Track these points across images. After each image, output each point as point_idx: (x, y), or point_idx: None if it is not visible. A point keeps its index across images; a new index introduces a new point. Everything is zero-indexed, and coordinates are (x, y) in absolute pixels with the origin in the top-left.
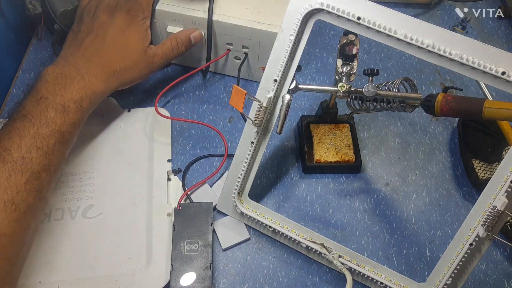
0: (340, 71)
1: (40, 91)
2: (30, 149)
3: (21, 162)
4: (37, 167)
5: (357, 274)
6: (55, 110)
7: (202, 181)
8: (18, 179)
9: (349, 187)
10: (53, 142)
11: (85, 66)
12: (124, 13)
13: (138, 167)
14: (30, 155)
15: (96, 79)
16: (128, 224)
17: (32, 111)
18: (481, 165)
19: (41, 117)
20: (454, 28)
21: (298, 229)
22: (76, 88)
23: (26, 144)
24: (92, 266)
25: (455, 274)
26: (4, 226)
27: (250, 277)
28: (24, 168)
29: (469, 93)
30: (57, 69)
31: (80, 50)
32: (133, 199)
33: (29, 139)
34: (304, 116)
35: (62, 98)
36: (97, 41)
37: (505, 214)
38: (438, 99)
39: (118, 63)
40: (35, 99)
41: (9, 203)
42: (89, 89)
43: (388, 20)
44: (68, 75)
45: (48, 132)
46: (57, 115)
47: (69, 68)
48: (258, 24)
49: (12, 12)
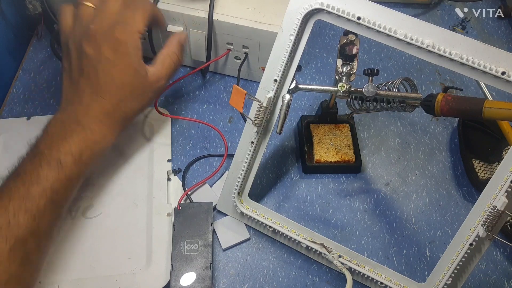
0: (340, 71)
1: (39, 146)
2: (18, 212)
3: (6, 227)
4: (23, 232)
5: (357, 274)
6: (48, 165)
7: (202, 181)
8: (1, 248)
9: (349, 187)
10: (43, 202)
11: (85, 114)
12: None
13: (138, 167)
14: (16, 219)
15: (99, 127)
16: (128, 224)
17: (26, 168)
18: (481, 165)
19: (32, 174)
20: (454, 28)
21: (298, 229)
22: (75, 140)
23: (14, 206)
24: (92, 266)
25: (455, 274)
26: None
27: (250, 277)
28: (8, 235)
29: (469, 93)
30: (58, 122)
31: (77, 95)
32: (133, 199)
33: (17, 200)
34: (304, 116)
35: (58, 152)
36: (91, 82)
37: (505, 214)
38: (438, 99)
39: (122, 103)
40: (32, 154)
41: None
42: (91, 140)
43: (388, 20)
44: (67, 126)
45: (39, 191)
46: (50, 171)
47: (69, 118)
48: (258, 24)
49: (12, 12)
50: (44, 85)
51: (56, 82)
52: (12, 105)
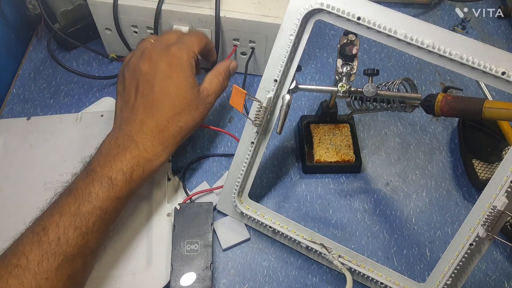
0: (340, 71)
1: (92, 163)
2: (68, 229)
3: (56, 243)
4: (71, 250)
5: (357, 274)
6: (100, 183)
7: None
8: (50, 264)
9: (349, 187)
10: (93, 220)
11: (139, 131)
12: (167, 57)
13: None
14: (66, 236)
15: (152, 144)
16: (128, 224)
17: (78, 185)
18: (481, 165)
19: (84, 192)
20: (454, 28)
21: (298, 229)
22: (128, 158)
23: (64, 223)
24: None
25: (455, 274)
26: None
27: (250, 277)
28: (57, 251)
29: (469, 93)
30: (112, 140)
31: (132, 114)
32: (133, 199)
33: (68, 217)
34: (304, 116)
35: (110, 170)
36: (146, 98)
37: (505, 214)
38: (438, 99)
39: (176, 117)
40: (85, 173)
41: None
42: (143, 157)
43: (388, 20)
44: (121, 144)
45: (89, 209)
46: (101, 189)
47: (123, 137)
48: (264, 18)
49: (12, 12)
50: (44, 85)
51: (56, 82)
52: (12, 105)
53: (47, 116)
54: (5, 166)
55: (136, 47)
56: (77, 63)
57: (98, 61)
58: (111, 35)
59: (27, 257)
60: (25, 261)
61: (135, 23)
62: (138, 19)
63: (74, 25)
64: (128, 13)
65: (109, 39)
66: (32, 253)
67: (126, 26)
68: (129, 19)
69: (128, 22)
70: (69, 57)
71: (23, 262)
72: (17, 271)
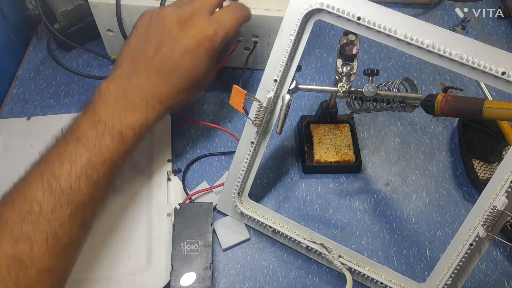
0: (340, 71)
1: (98, 113)
2: (80, 178)
3: (68, 192)
4: (83, 198)
5: (357, 274)
6: (111, 137)
7: (208, 188)
8: (63, 211)
9: (349, 187)
10: (103, 171)
11: (151, 91)
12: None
13: (138, 167)
14: (78, 185)
15: (160, 105)
16: (128, 224)
17: (87, 135)
18: (481, 165)
19: (95, 143)
20: (454, 28)
21: (298, 229)
22: (137, 116)
23: (76, 172)
24: (92, 266)
25: (455, 274)
26: (44, 261)
27: (250, 277)
28: (70, 199)
29: (469, 93)
30: (119, 91)
31: (146, 70)
32: (133, 199)
33: (79, 167)
34: (304, 116)
35: (120, 125)
36: (164, 63)
37: (505, 214)
38: (438, 99)
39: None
40: (92, 121)
41: (51, 237)
42: (151, 116)
43: (388, 20)
44: (130, 99)
45: (101, 161)
46: (112, 143)
47: (132, 92)
48: (268, 11)
49: (12, 12)
50: (44, 85)
51: (56, 82)
52: (12, 105)
53: (47, 116)
54: (5, 166)
55: None
56: (77, 63)
57: (98, 61)
58: (113, 36)
59: (40, 204)
60: (37, 208)
61: None
62: None
63: (74, 25)
64: (130, 13)
65: (110, 41)
66: (45, 200)
67: (128, 26)
68: (132, 19)
69: (130, 23)
70: (69, 57)
71: (36, 209)
72: (31, 218)
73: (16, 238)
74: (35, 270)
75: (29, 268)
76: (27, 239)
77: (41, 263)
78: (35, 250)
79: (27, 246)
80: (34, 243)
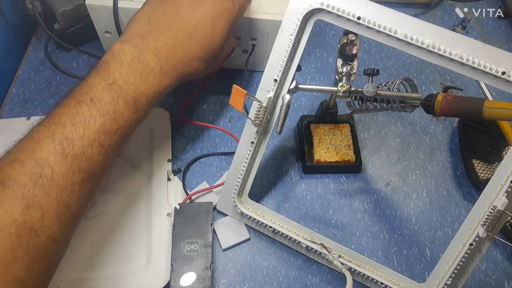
0: (340, 71)
1: (113, 74)
2: (92, 144)
3: (81, 158)
4: (94, 167)
5: (357, 274)
6: (125, 102)
7: (208, 188)
8: (74, 178)
9: (349, 187)
10: (115, 139)
11: (166, 56)
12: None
13: (138, 167)
14: (91, 151)
15: (173, 72)
16: (128, 224)
17: (101, 97)
18: (481, 165)
19: (110, 108)
20: (454, 28)
21: (298, 229)
22: (151, 81)
23: (89, 137)
24: (92, 266)
25: (455, 274)
26: (53, 230)
27: (250, 277)
28: (82, 167)
29: (469, 93)
30: (135, 51)
31: (163, 33)
32: (133, 199)
33: (93, 132)
34: (304, 116)
35: (135, 90)
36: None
37: (505, 214)
38: (438, 99)
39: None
40: (105, 83)
41: (62, 205)
42: (163, 84)
43: (388, 20)
44: (146, 62)
45: (114, 128)
46: (126, 109)
47: (148, 54)
48: (266, 15)
49: (12, 12)
50: (44, 85)
51: (55, 82)
52: (12, 105)
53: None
54: None
55: None
56: (77, 63)
57: (98, 61)
58: (111, 38)
59: (52, 168)
60: (49, 172)
61: None
62: None
63: (74, 25)
64: (128, 15)
65: (109, 42)
66: (58, 164)
67: None
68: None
69: None
70: (69, 57)
71: (48, 173)
72: (43, 182)
73: (28, 204)
74: (45, 238)
75: (39, 236)
76: (38, 205)
77: (51, 232)
78: (46, 218)
79: (38, 213)
80: (45, 211)
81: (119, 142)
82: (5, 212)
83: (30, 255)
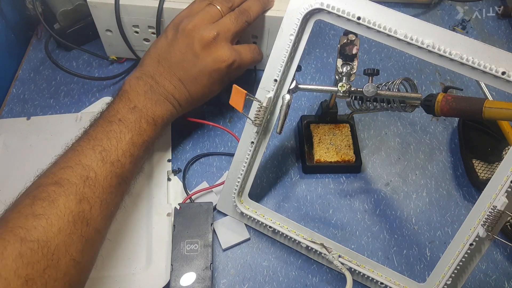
0: (340, 71)
1: (133, 101)
2: (125, 154)
3: (117, 165)
4: (126, 173)
5: (357, 274)
6: (147, 122)
7: (208, 188)
8: (112, 181)
9: (349, 187)
10: (141, 151)
11: (172, 93)
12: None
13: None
14: (124, 160)
15: (179, 106)
16: (128, 224)
17: (127, 118)
18: (481, 165)
19: (135, 125)
20: (454, 28)
21: (298, 229)
22: (165, 108)
23: (122, 148)
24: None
25: (455, 274)
26: (97, 223)
27: (250, 277)
28: (118, 172)
29: (469, 93)
30: (146, 86)
31: (168, 76)
32: (133, 199)
33: (125, 144)
34: (304, 116)
35: (153, 113)
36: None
37: (505, 214)
38: (438, 99)
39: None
40: (128, 107)
41: (104, 202)
42: (176, 109)
43: (388, 20)
44: (157, 94)
45: (141, 142)
46: (148, 127)
47: (158, 88)
48: (267, 11)
49: (12, 12)
50: (44, 85)
51: (56, 82)
52: (12, 105)
53: (47, 116)
54: (5, 166)
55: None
56: (77, 63)
57: (98, 60)
58: (112, 36)
59: (95, 172)
60: (94, 175)
61: (137, 22)
62: (139, 19)
63: (74, 25)
64: (129, 12)
65: (109, 41)
66: (100, 169)
67: (127, 26)
68: (131, 19)
69: (129, 22)
70: (69, 57)
71: (93, 175)
72: (89, 182)
73: (80, 199)
74: (92, 229)
75: (89, 226)
76: (87, 201)
77: (96, 224)
78: (93, 211)
79: (87, 207)
80: (92, 206)
81: (143, 155)
82: (64, 204)
83: (82, 241)
